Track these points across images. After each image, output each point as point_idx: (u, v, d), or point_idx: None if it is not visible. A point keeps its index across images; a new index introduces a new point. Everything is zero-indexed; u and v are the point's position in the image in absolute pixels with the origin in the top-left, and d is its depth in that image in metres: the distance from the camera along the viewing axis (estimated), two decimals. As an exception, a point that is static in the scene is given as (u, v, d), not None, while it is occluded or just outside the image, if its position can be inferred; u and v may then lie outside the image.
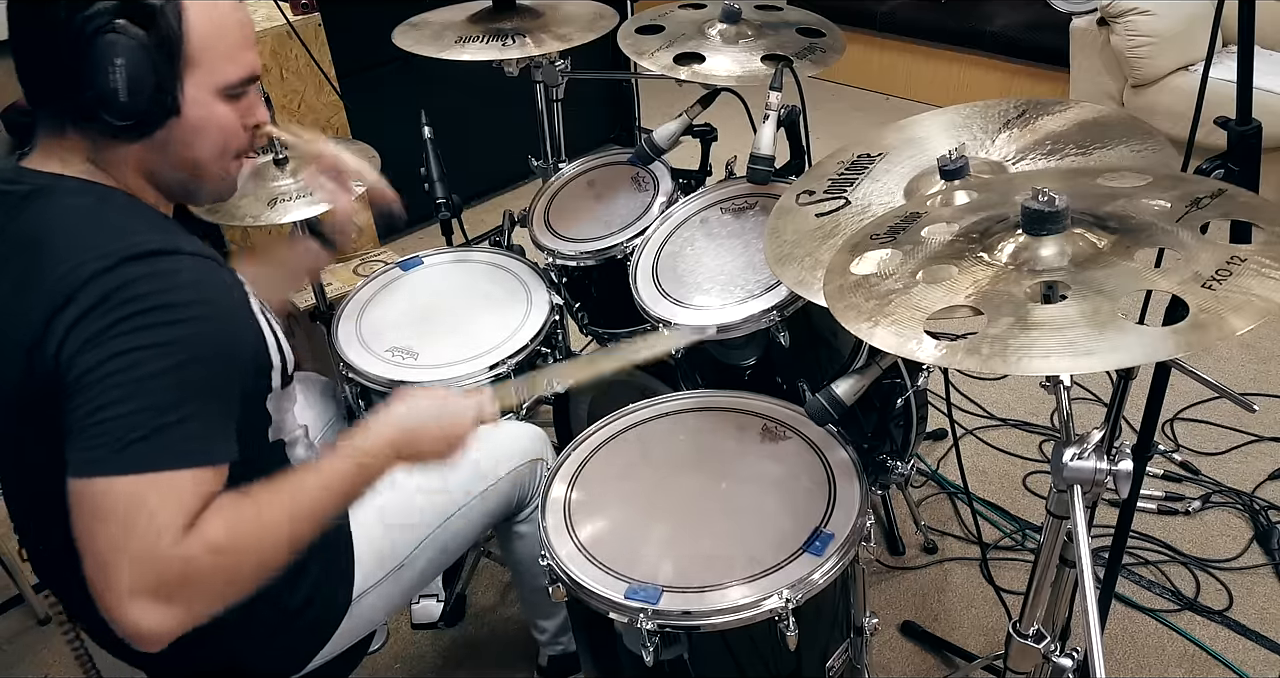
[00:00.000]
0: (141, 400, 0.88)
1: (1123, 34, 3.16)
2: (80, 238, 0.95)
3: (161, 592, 0.87)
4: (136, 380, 0.88)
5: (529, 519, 1.51)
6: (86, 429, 0.88)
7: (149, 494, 0.88)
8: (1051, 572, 1.18)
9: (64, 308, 0.90)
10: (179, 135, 1.01)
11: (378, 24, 1.99)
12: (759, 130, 1.60)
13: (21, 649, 2.02)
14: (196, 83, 1.00)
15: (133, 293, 0.90)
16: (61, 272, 0.91)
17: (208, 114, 1.02)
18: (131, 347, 0.89)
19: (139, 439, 0.87)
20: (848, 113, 4.28)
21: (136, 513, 0.87)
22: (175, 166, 1.04)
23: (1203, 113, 1.17)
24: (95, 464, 0.87)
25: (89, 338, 0.89)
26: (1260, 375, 2.53)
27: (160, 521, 0.87)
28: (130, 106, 0.95)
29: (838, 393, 1.23)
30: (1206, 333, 0.80)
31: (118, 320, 0.89)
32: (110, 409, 0.88)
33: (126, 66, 0.93)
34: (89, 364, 0.88)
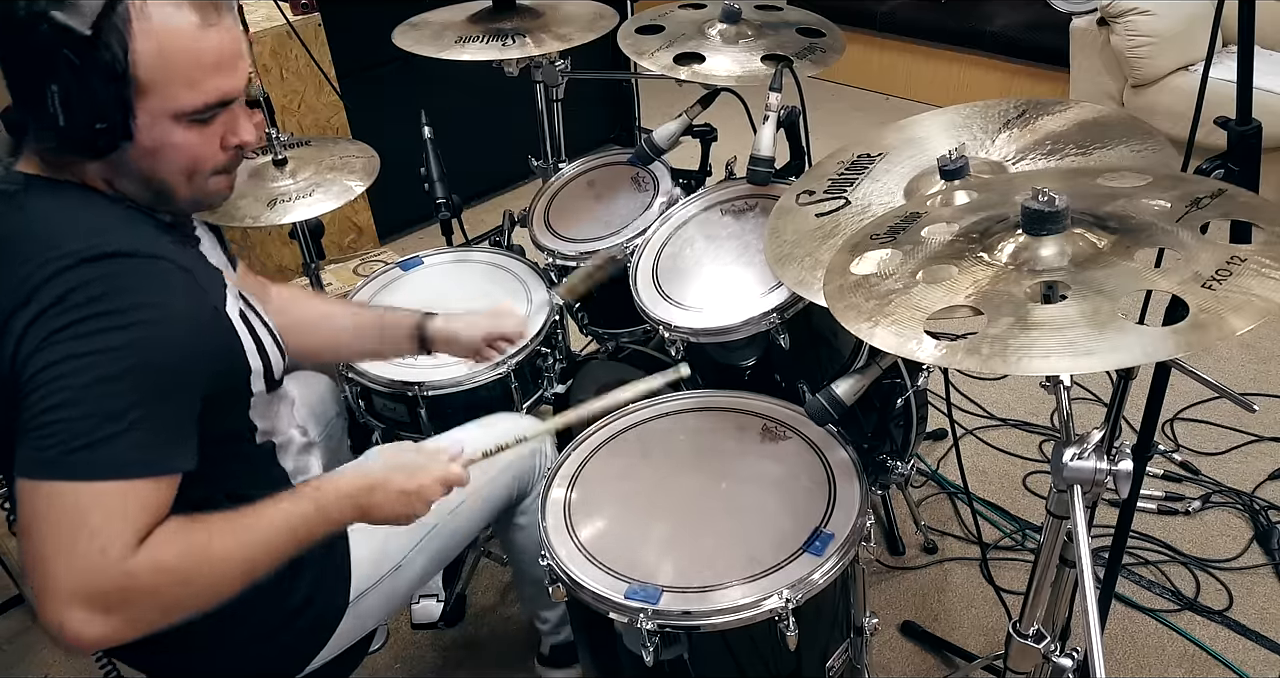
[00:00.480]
0: (89, 406, 0.88)
1: (1123, 34, 3.16)
2: (48, 237, 0.94)
3: (100, 602, 0.87)
4: (85, 385, 0.88)
5: (529, 510, 1.51)
6: (35, 430, 0.88)
7: (94, 504, 0.88)
8: (1051, 572, 1.18)
9: (23, 306, 0.90)
10: (135, 157, 0.98)
11: (378, 24, 1.99)
12: (759, 131, 1.60)
13: (21, 649, 2.02)
14: (148, 109, 0.95)
15: (87, 295, 0.90)
16: (26, 270, 0.91)
17: (164, 139, 0.98)
18: (83, 351, 0.88)
19: (85, 446, 0.87)
20: (848, 113, 4.28)
21: (81, 521, 0.87)
22: (140, 183, 1.02)
23: (1203, 113, 1.17)
24: (41, 466, 0.87)
25: (43, 338, 0.88)
26: (1260, 375, 2.53)
27: (106, 532, 0.88)
28: (69, 132, 0.93)
29: (838, 393, 1.23)
30: (1206, 333, 0.81)
31: (71, 323, 0.89)
32: (58, 412, 0.87)
33: (60, 94, 0.91)
34: (41, 364, 0.88)
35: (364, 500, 1.10)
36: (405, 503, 1.13)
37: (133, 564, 0.89)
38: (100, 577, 0.87)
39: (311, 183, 1.83)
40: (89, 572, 0.87)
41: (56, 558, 0.87)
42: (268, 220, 1.77)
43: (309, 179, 1.84)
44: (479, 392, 1.69)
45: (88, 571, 0.87)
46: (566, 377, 1.88)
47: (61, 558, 0.87)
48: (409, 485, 1.14)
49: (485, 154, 3.26)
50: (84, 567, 0.87)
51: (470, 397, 1.69)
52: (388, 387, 1.67)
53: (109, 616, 0.88)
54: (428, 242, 3.41)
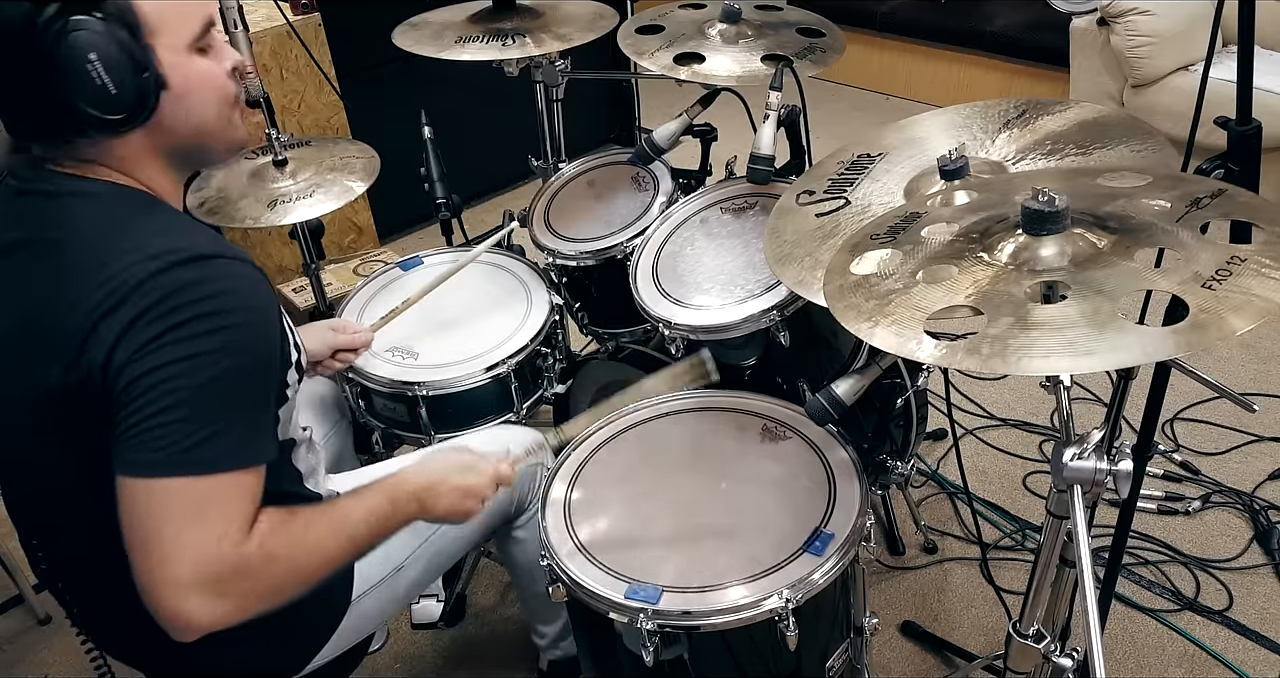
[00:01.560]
0: (195, 407, 0.91)
1: (1123, 34, 3.16)
2: (117, 242, 0.95)
3: (217, 588, 0.92)
4: (191, 388, 0.91)
5: (528, 525, 1.51)
6: (146, 432, 0.90)
7: (209, 496, 0.92)
8: (1051, 572, 1.18)
9: (111, 313, 0.91)
10: (176, 107, 0.99)
11: (378, 24, 1.99)
12: (759, 130, 1.59)
13: (21, 649, 2.02)
14: (166, 47, 0.97)
15: (182, 300, 0.91)
16: (104, 276, 0.92)
17: (192, 74, 1.00)
18: (184, 355, 0.91)
19: (197, 444, 0.91)
20: (848, 113, 4.28)
21: (199, 513, 0.92)
22: (185, 138, 1.03)
23: (1203, 113, 1.17)
24: (154, 466, 0.91)
25: (140, 346, 0.90)
26: (1260, 375, 2.53)
27: (222, 521, 0.93)
28: (123, 97, 0.94)
29: (838, 393, 1.23)
30: (1206, 333, 0.81)
31: (169, 329, 0.91)
32: (170, 413, 0.90)
33: (102, 59, 0.92)
34: (142, 371, 0.90)
35: (427, 497, 1.15)
36: (462, 500, 1.18)
37: (246, 551, 0.94)
38: (219, 563, 0.92)
39: (311, 183, 1.83)
40: (209, 559, 0.91)
41: (178, 548, 0.90)
42: (268, 221, 1.77)
43: (309, 180, 1.84)
44: (479, 392, 1.69)
45: (208, 558, 0.91)
46: (566, 377, 1.88)
47: (182, 548, 0.90)
48: (466, 483, 1.18)
49: (485, 154, 3.26)
50: (204, 555, 0.91)
51: (470, 397, 1.69)
52: (388, 387, 1.67)
53: (224, 599, 0.93)
54: (428, 242, 3.41)
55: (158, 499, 0.90)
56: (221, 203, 1.80)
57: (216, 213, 1.78)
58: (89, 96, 0.93)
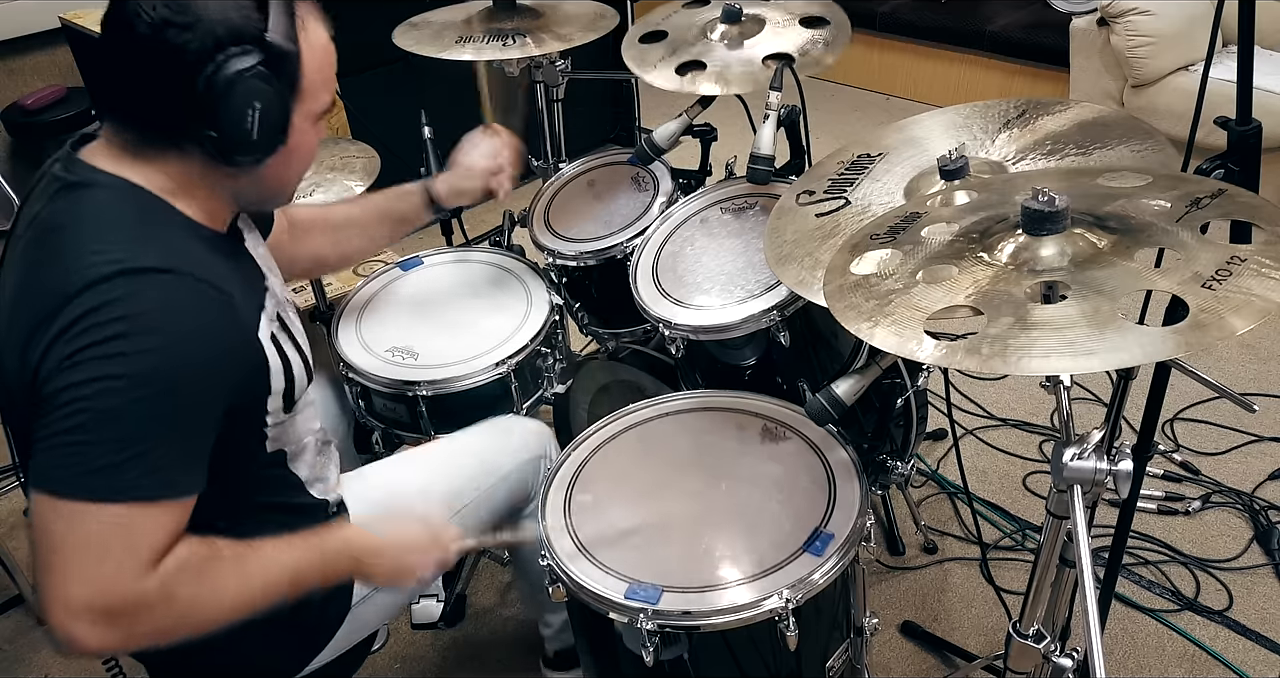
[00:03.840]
0: (110, 430, 0.88)
1: (1123, 34, 3.16)
2: (91, 239, 0.94)
3: (107, 617, 0.89)
4: (107, 409, 0.88)
5: (532, 515, 1.51)
6: (56, 448, 0.88)
7: (112, 525, 0.89)
8: (1051, 572, 1.18)
9: (52, 316, 0.89)
10: (280, 161, 1.02)
11: (378, 24, 1.99)
12: (759, 130, 1.59)
13: (21, 649, 2.02)
14: (301, 112, 1.02)
15: (112, 314, 0.89)
16: (63, 271, 0.91)
17: (305, 140, 1.05)
18: (99, 375, 0.88)
19: (105, 468, 0.88)
20: (848, 113, 4.28)
21: (99, 541, 0.89)
22: (261, 187, 1.06)
23: (1203, 113, 1.17)
24: (61, 484, 0.88)
25: (66, 356, 0.88)
26: (1260, 375, 2.53)
27: (123, 553, 0.90)
28: (257, 145, 0.97)
29: (838, 393, 1.23)
30: (1206, 333, 0.81)
31: (91, 344, 0.88)
32: (80, 433, 0.88)
33: (263, 111, 0.95)
34: (63, 384, 0.88)
35: (366, 562, 1.15)
36: (398, 574, 1.18)
37: (145, 585, 0.91)
38: (112, 594, 0.89)
39: (312, 183, 1.83)
40: (102, 589, 0.89)
41: (71, 572, 0.88)
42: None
43: (309, 179, 1.84)
44: (479, 391, 1.69)
45: (101, 587, 0.89)
46: (566, 377, 1.88)
47: (76, 573, 0.88)
48: (408, 560, 1.18)
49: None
50: (98, 584, 0.88)
51: (470, 397, 1.68)
52: (388, 387, 1.67)
53: (112, 629, 0.90)
54: (428, 242, 3.39)
55: (59, 520, 0.88)
56: (221, 203, 1.80)
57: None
58: (231, 134, 0.95)
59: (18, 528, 1.17)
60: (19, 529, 1.17)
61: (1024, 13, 3.96)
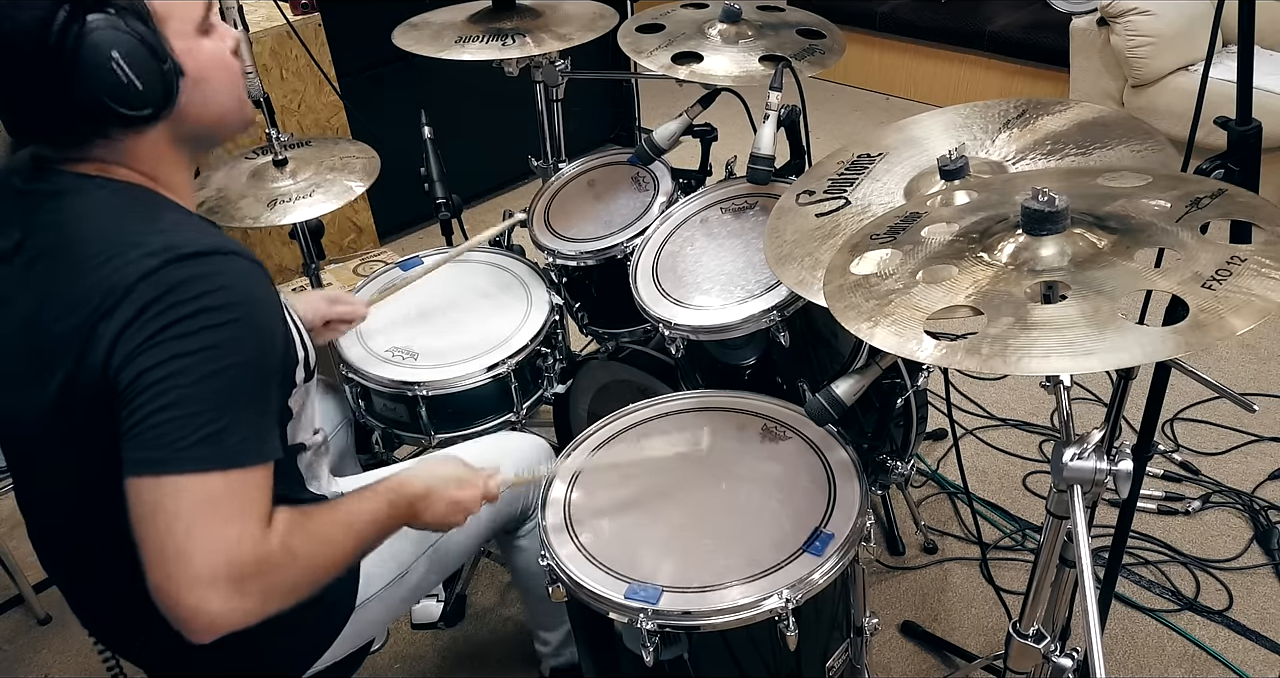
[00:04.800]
0: (202, 402, 0.90)
1: (1123, 34, 3.16)
2: (114, 239, 0.94)
3: (238, 585, 0.90)
4: (191, 384, 0.89)
5: (530, 533, 1.51)
6: (149, 430, 0.89)
7: (224, 492, 0.90)
8: (1051, 572, 1.18)
9: (109, 314, 0.90)
10: (194, 93, 1.00)
11: (378, 24, 1.99)
12: (759, 130, 1.59)
13: (21, 649, 2.02)
14: (175, 33, 0.97)
15: (180, 297, 0.90)
16: (101, 276, 0.91)
17: (203, 57, 1.00)
18: (183, 351, 0.89)
19: (204, 439, 0.89)
20: (848, 113, 4.28)
21: (214, 510, 0.90)
22: (204, 123, 1.04)
23: (1203, 113, 1.17)
24: (162, 463, 0.89)
25: (138, 344, 0.89)
26: (1260, 375, 2.53)
27: (240, 517, 0.91)
28: (148, 92, 0.94)
29: (838, 393, 1.23)
30: (1206, 333, 0.81)
31: (167, 325, 0.89)
32: (173, 410, 0.89)
33: (124, 56, 0.92)
34: (141, 369, 0.89)
35: (421, 504, 1.15)
36: (449, 512, 1.19)
37: (266, 546, 0.92)
38: (241, 560, 0.90)
39: (311, 183, 1.83)
40: (230, 556, 0.89)
41: (195, 546, 0.88)
42: (268, 220, 1.77)
43: (309, 179, 1.84)
44: (479, 392, 1.69)
45: (228, 554, 0.89)
46: (566, 377, 1.88)
47: (200, 544, 0.88)
48: (457, 496, 1.19)
49: (485, 154, 3.26)
50: (225, 551, 0.89)
51: (470, 397, 1.69)
52: (388, 387, 1.67)
53: (246, 597, 0.90)
54: (428, 242, 3.41)
55: (170, 497, 0.89)
56: (221, 203, 1.80)
57: (216, 212, 1.78)
58: (115, 95, 0.92)
59: (18, 528, 1.17)
60: (19, 529, 1.17)
61: (1024, 13, 3.96)
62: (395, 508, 1.11)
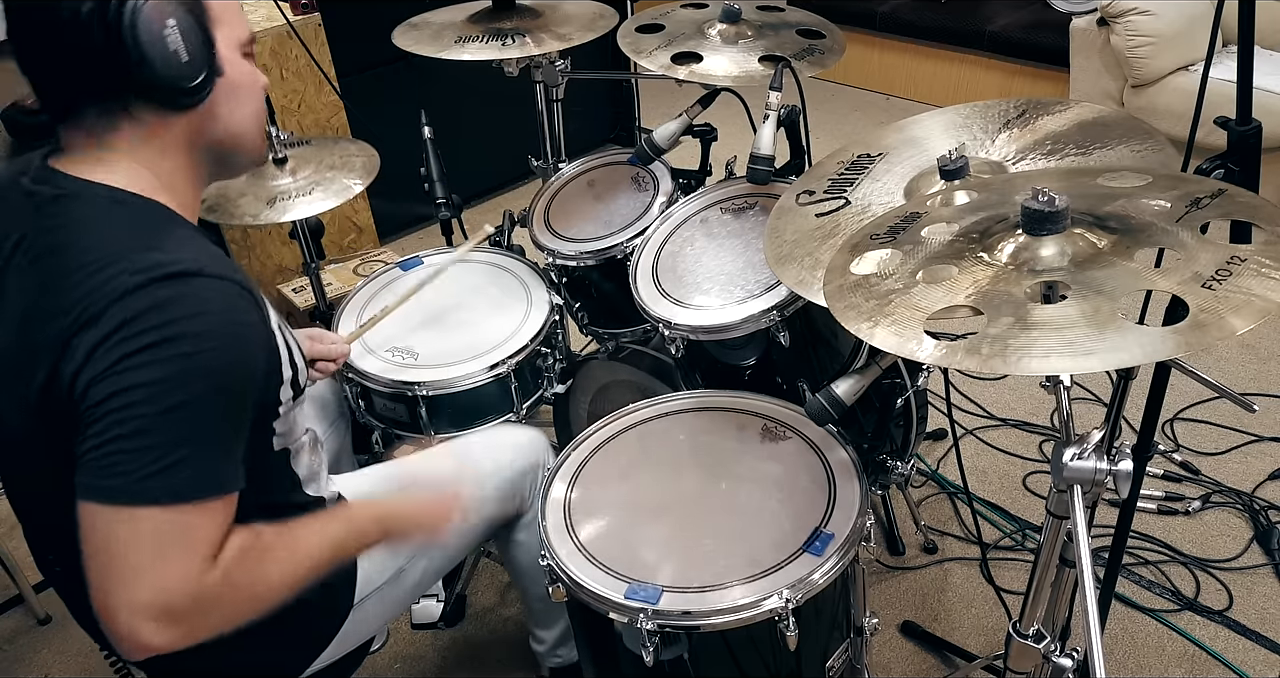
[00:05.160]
0: (162, 434, 0.89)
1: (1123, 34, 3.16)
2: (108, 249, 0.93)
3: (173, 615, 0.90)
4: (157, 413, 0.88)
5: (529, 527, 1.51)
6: (103, 458, 0.88)
7: (171, 526, 0.90)
8: (1051, 572, 1.18)
9: (86, 328, 0.89)
10: (225, 98, 1.02)
11: (378, 24, 1.99)
12: (759, 130, 1.59)
13: (21, 649, 2.02)
14: (223, 40, 1.01)
15: (157, 320, 0.89)
16: (89, 286, 0.90)
17: (241, 71, 1.04)
18: (149, 380, 0.88)
19: (160, 471, 0.89)
20: (848, 113, 4.28)
21: (160, 543, 0.89)
22: (223, 137, 1.05)
23: (1203, 113, 1.17)
24: (117, 492, 0.88)
25: (111, 363, 0.88)
26: (1260, 375, 2.53)
27: (185, 552, 0.90)
28: (192, 66, 0.96)
29: (838, 393, 1.23)
30: (1206, 333, 0.81)
31: (137, 350, 0.88)
32: (131, 440, 0.88)
33: (180, 26, 0.94)
34: (109, 391, 0.88)
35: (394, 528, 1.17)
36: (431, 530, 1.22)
37: (208, 580, 0.92)
38: (178, 593, 0.90)
39: (311, 181, 1.83)
40: (168, 590, 0.89)
41: (135, 577, 0.88)
42: (267, 218, 1.77)
43: (309, 177, 1.84)
44: (479, 392, 1.69)
45: (167, 589, 0.89)
46: (566, 377, 1.88)
47: (141, 577, 0.88)
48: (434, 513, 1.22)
49: (485, 154, 3.26)
50: (164, 585, 0.89)
51: (470, 397, 1.69)
52: (388, 387, 1.67)
53: (178, 626, 0.90)
54: (428, 242, 3.41)
55: (118, 528, 0.88)
56: (221, 200, 1.80)
57: (216, 210, 1.78)
58: (162, 60, 0.93)
59: (17, 528, 1.17)
60: (19, 529, 1.17)
61: (1024, 13, 3.96)
62: (363, 533, 1.13)
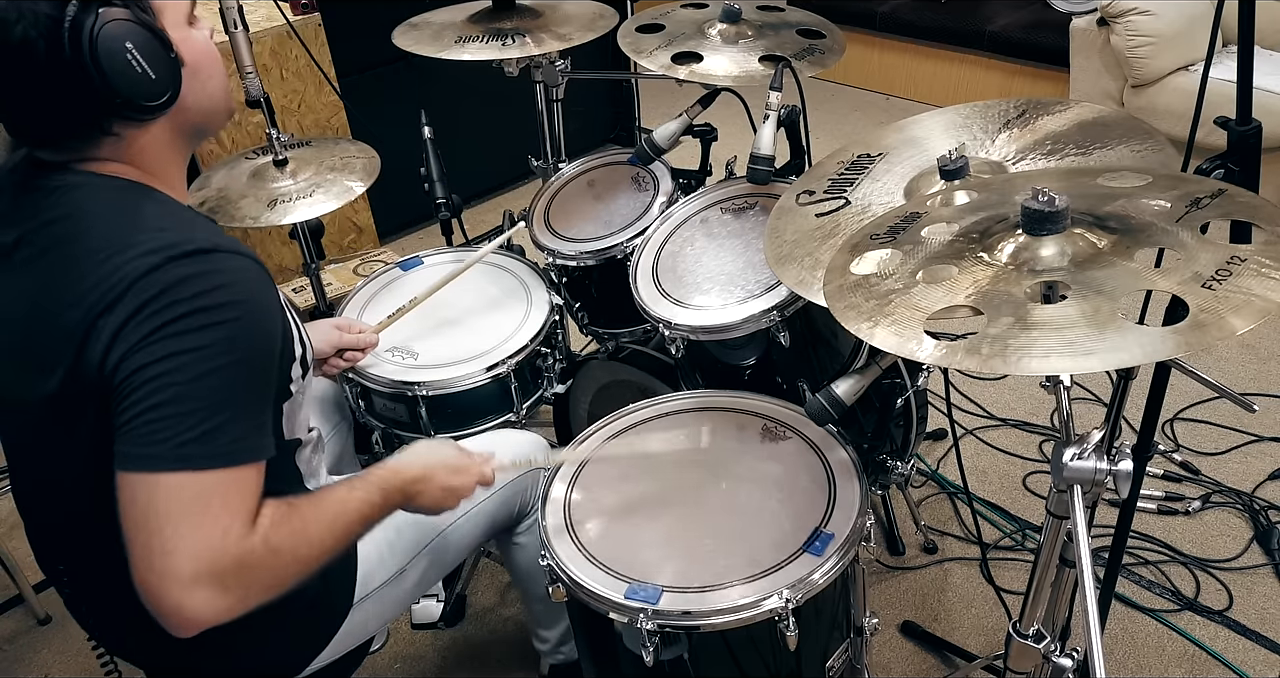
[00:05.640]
0: (196, 401, 0.91)
1: (1123, 34, 3.16)
2: (116, 235, 0.95)
3: (221, 582, 0.91)
4: (187, 382, 0.90)
5: (529, 530, 1.51)
6: (143, 426, 0.90)
7: (212, 491, 0.91)
8: (1051, 572, 1.18)
9: (109, 310, 0.91)
10: (192, 82, 1.02)
11: (378, 24, 1.99)
12: (759, 130, 1.59)
13: (21, 649, 2.02)
14: (170, 24, 1.00)
15: (178, 295, 0.91)
16: (103, 272, 0.92)
17: (194, 46, 1.03)
18: (180, 349, 0.90)
19: (197, 438, 0.90)
20: (848, 113, 4.28)
21: (202, 508, 0.90)
22: (200, 113, 1.05)
23: (1203, 113, 1.17)
24: (155, 460, 0.90)
25: (137, 341, 0.90)
26: (1260, 375, 2.53)
27: (225, 516, 0.92)
28: (160, 81, 0.96)
29: (838, 393, 1.23)
30: (1206, 333, 0.81)
31: (165, 323, 0.90)
32: (167, 408, 0.90)
33: (138, 47, 0.93)
34: (141, 363, 0.90)
35: (413, 490, 1.16)
36: (444, 497, 1.20)
37: (250, 544, 0.93)
38: (223, 557, 0.91)
39: (312, 183, 1.83)
40: (213, 554, 0.90)
41: (180, 544, 0.89)
42: (268, 220, 1.77)
43: (309, 179, 1.84)
44: (479, 392, 1.69)
45: (211, 552, 0.90)
46: (566, 377, 1.88)
47: (186, 543, 0.89)
48: (452, 481, 1.20)
49: (485, 154, 3.26)
50: (208, 549, 0.90)
51: (470, 397, 1.69)
52: (388, 387, 1.67)
53: (227, 593, 0.91)
54: (428, 242, 3.41)
55: (159, 494, 0.90)
56: (222, 202, 1.80)
57: (217, 212, 1.78)
58: (132, 87, 0.94)
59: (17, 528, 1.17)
60: (19, 529, 1.17)
61: (1024, 13, 3.96)
62: (388, 494, 1.12)
